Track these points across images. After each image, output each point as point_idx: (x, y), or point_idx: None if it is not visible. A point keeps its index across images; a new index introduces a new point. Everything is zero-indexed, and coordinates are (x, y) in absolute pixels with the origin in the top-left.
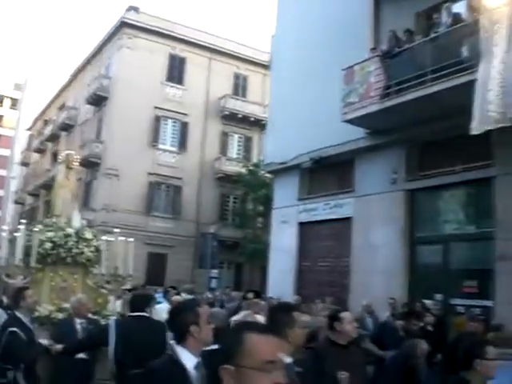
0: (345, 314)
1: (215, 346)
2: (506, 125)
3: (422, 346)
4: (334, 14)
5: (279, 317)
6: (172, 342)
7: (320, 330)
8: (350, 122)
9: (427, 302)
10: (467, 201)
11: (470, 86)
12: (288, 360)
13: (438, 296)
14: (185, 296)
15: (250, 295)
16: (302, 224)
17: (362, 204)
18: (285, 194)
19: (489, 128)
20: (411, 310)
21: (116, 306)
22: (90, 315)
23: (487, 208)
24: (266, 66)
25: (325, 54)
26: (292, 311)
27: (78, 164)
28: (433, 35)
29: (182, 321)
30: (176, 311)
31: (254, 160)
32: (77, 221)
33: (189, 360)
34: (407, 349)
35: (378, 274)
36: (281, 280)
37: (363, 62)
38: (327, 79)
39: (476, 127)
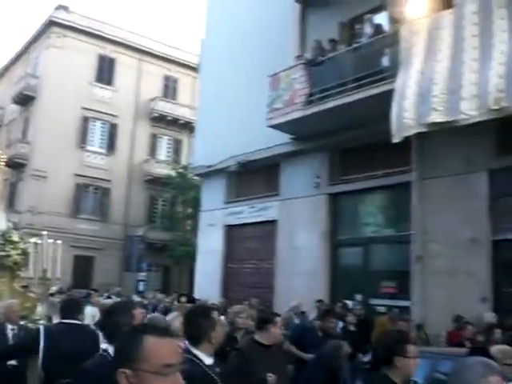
0: (278, 318)
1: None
2: (420, 130)
3: (345, 348)
4: (262, 21)
5: (200, 321)
6: (105, 345)
7: (237, 330)
8: (275, 127)
9: (348, 302)
10: (386, 205)
11: (389, 94)
12: (210, 361)
13: (359, 296)
14: (115, 299)
15: (183, 299)
16: (228, 227)
17: (286, 207)
18: (212, 197)
19: (406, 135)
20: (327, 310)
21: (44, 310)
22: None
23: (405, 212)
24: (196, 69)
25: (252, 60)
26: (211, 313)
27: (4, 164)
28: (355, 45)
29: (116, 323)
30: (110, 313)
31: (184, 162)
32: (3, 223)
33: None
34: (330, 350)
35: (301, 275)
36: (207, 282)
37: (288, 69)
38: (254, 84)
39: (396, 134)
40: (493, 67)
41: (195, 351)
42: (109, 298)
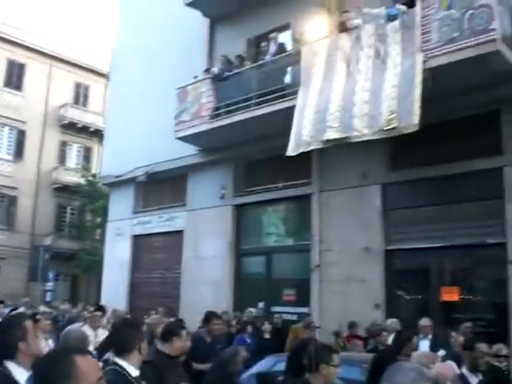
0: (184, 331)
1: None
2: (316, 147)
3: (242, 353)
4: (173, 34)
5: (128, 332)
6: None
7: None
8: (182, 139)
9: (252, 309)
10: (288, 216)
11: (291, 110)
12: (137, 373)
13: (261, 304)
14: (23, 310)
15: (92, 308)
16: (136, 236)
17: (193, 217)
18: (120, 206)
19: (302, 150)
20: (210, 312)
21: None
22: None
23: (305, 222)
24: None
25: (162, 72)
26: (140, 324)
27: None
28: (260, 62)
29: (9, 338)
30: (2, 328)
31: (94, 171)
32: None
33: (21, 374)
34: (228, 356)
35: (206, 284)
36: (114, 292)
37: (196, 82)
38: (163, 96)
39: (292, 149)
40: (385, 89)
41: (121, 362)
42: (15, 309)
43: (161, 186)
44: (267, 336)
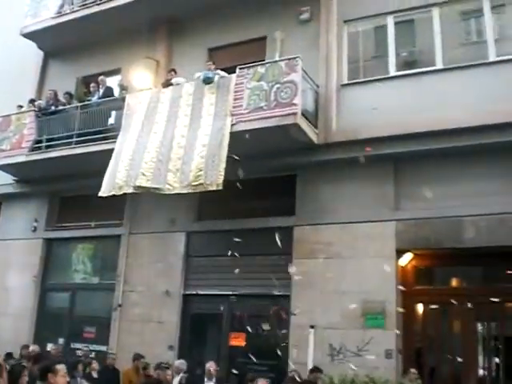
0: (60, 366)
1: None
2: (128, 191)
3: None
4: (5, 60)
5: None
6: None
7: None
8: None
9: (49, 345)
10: (96, 254)
11: (110, 152)
12: None
13: (61, 340)
14: None
15: None
16: None
17: (2, 247)
18: None
19: (114, 193)
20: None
21: None
22: None
23: (113, 262)
24: None
25: None
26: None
27: None
28: (86, 102)
29: None
30: None
31: None
32: None
33: None
34: None
35: (8, 316)
36: None
37: (20, 112)
38: None
39: (104, 190)
40: (196, 147)
41: None
42: None
43: None
44: (95, 375)
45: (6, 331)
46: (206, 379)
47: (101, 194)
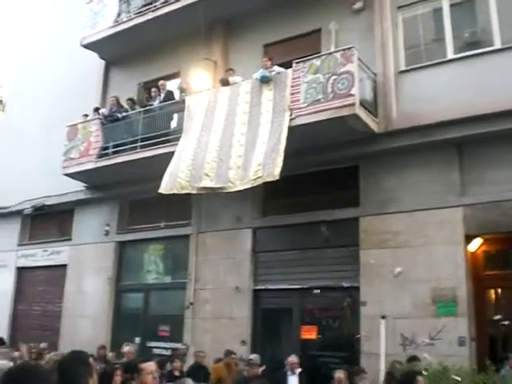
0: (145, 365)
1: None
2: (191, 192)
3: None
4: (69, 71)
5: (77, 367)
6: None
7: None
8: (70, 175)
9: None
10: (167, 254)
11: (173, 154)
12: None
13: (137, 339)
14: None
15: None
16: (20, 269)
17: (76, 252)
18: (5, 238)
19: (175, 192)
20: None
21: None
22: None
23: (183, 261)
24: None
25: (55, 108)
26: (88, 359)
27: None
28: (148, 107)
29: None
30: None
31: None
32: None
33: None
34: None
35: (85, 318)
36: None
37: (86, 121)
38: (55, 132)
39: (164, 188)
40: (257, 144)
41: None
42: None
43: (48, 220)
44: (177, 373)
45: (83, 333)
46: (289, 373)
47: (160, 190)
